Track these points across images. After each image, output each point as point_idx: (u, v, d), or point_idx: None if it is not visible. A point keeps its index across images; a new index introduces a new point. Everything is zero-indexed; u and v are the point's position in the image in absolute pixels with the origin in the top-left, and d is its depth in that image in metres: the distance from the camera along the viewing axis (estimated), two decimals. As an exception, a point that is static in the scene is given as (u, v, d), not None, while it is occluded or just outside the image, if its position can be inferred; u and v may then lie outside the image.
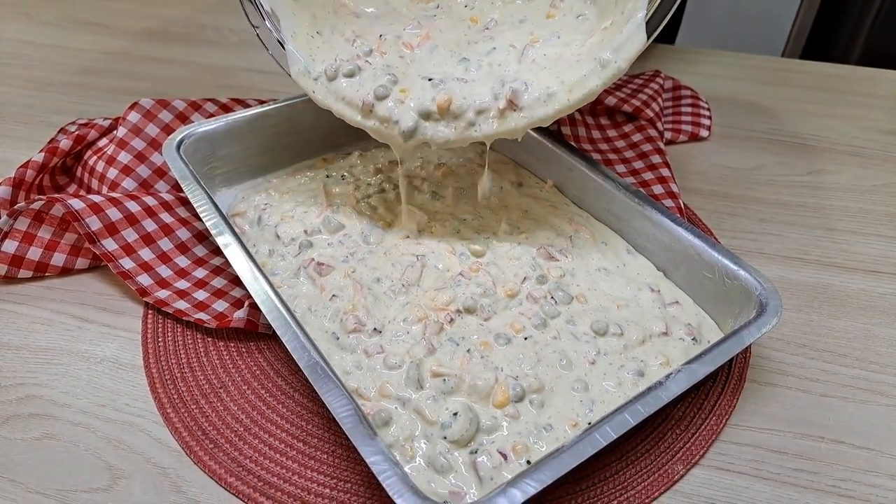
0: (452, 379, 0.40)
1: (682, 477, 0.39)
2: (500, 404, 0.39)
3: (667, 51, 0.86)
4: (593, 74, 0.42)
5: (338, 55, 0.47)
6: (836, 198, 0.62)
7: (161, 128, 0.58)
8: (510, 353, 0.42)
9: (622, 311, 0.46)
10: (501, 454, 0.37)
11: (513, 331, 0.44)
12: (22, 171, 0.53)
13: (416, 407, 0.39)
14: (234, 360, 0.45)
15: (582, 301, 0.46)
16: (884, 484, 0.39)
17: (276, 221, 0.51)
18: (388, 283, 0.47)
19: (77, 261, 0.51)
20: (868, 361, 0.47)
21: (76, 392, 0.43)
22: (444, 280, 0.47)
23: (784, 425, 0.42)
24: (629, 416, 0.34)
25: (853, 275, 0.53)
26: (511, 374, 0.40)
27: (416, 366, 0.40)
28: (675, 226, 0.47)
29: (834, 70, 0.82)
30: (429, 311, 0.44)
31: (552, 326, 0.44)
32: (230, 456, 0.39)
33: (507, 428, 0.38)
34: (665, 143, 0.65)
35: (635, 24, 0.41)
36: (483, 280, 0.47)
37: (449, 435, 0.37)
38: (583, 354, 0.42)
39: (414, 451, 0.37)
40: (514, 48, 0.46)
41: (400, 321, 0.44)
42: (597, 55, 0.42)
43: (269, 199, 0.54)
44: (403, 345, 0.42)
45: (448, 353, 0.42)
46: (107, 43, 0.84)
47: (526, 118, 0.43)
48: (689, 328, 0.45)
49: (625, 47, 0.41)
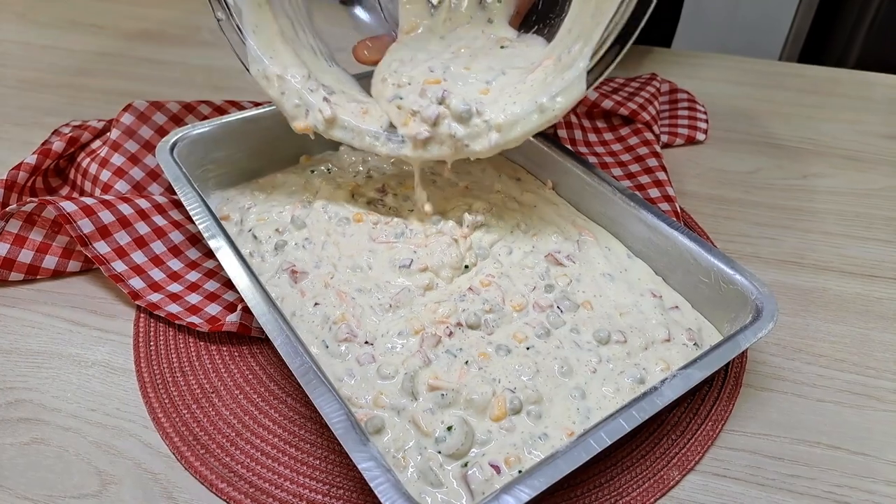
0: (450, 393, 0.39)
1: (677, 483, 0.39)
2: (498, 418, 0.38)
3: (664, 54, 0.86)
4: (529, 118, 0.43)
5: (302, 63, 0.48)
6: (832, 202, 0.62)
7: (155, 130, 0.57)
8: (509, 363, 0.41)
9: (625, 318, 0.45)
10: (493, 466, 0.36)
11: (515, 341, 0.43)
12: (14, 172, 0.53)
13: (411, 417, 0.38)
14: (227, 364, 0.45)
15: (588, 308, 0.46)
16: (880, 490, 0.39)
17: (253, 223, 0.51)
18: (378, 298, 0.45)
19: (69, 263, 0.50)
20: (864, 366, 0.46)
21: (66, 396, 0.43)
22: (450, 293, 0.46)
23: (780, 431, 0.42)
24: (624, 422, 0.34)
25: (849, 279, 0.53)
26: (509, 387, 0.39)
27: (411, 378, 0.39)
28: (671, 230, 0.47)
29: (830, 74, 0.82)
30: (426, 324, 0.43)
31: (555, 336, 0.43)
32: (221, 461, 0.39)
33: (500, 440, 0.37)
34: (661, 147, 0.65)
35: (577, 72, 0.41)
36: (492, 295, 0.45)
37: (444, 449, 0.36)
38: (584, 363, 0.42)
39: (406, 462, 0.36)
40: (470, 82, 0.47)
41: (393, 335, 0.43)
42: (536, 97, 0.43)
43: (253, 201, 0.54)
44: (398, 356, 0.41)
45: (445, 364, 0.41)
46: (101, 44, 0.83)
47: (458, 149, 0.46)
48: (690, 333, 0.44)
49: (563, 94, 0.42)
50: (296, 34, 0.50)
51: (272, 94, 0.47)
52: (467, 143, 0.45)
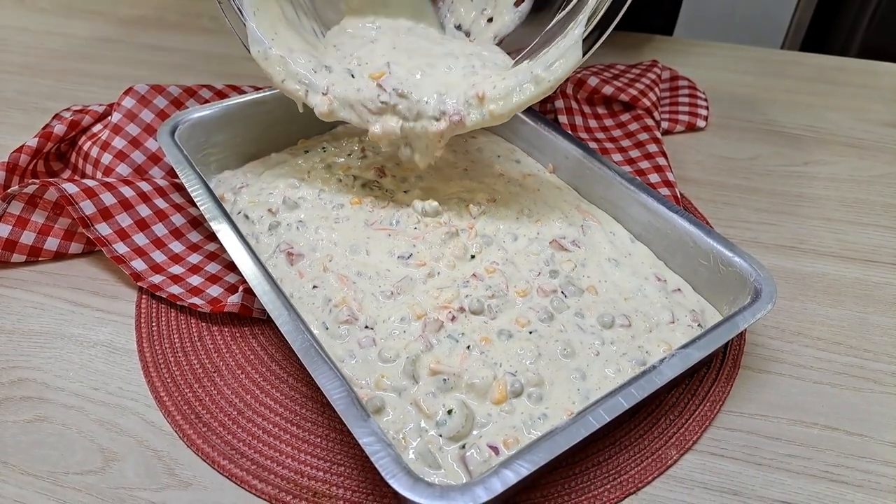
0: (451, 378, 0.39)
1: (675, 462, 0.39)
2: (498, 401, 0.38)
3: (665, 42, 0.86)
4: (523, 89, 0.43)
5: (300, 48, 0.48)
6: (832, 188, 0.62)
7: (156, 113, 0.57)
8: (511, 347, 0.41)
9: (630, 303, 0.45)
10: (492, 447, 0.36)
11: (518, 325, 0.43)
12: (16, 155, 0.53)
13: (413, 399, 0.38)
14: (228, 344, 0.45)
15: (593, 292, 0.45)
16: (876, 470, 0.39)
17: (244, 204, 0.51)
18: (378, 285, 0.45)
19: (71, 245, 0.51)
20: (862, 349, 0.47)
21: (69, 375, 0.43)
22: (453, 279, 0.46)
23: (777, 412, 0.42)
24: (623, 399, 0.34)
25: (849, 264, 0.54)
26: (510, 371, 0.40)
27: (413, 362, 0.40)
28: (671, 213, 0.47)
29: (831, 62, 0.82)
30: (429, 310, 0.43)
31: (558, 320, 0.43)
32: (223, 439, 0.39)
33: (500, 422, 0.38)
34: (662, 133, 0.65)
35: (572, 39, 0.41)
36: (497, 281, 0.45)
37: (444, 432, 0.37)
38: (588, 346, 0.42)
39: (407, 443, 0.36)
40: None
41: (395, 321, 0.43)
42: (532, 68, 0.43)
43: (245, 181, 0.54)
44: (400, 340, 0.41)
45: (447, 349, 0.41)
46: (102, 30, 0.83)
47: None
48: (694, 314, 0.44)
49: (560, 62, 0.42)
50: (297, 17, 0.50)
51: (273, 75, 0.47)
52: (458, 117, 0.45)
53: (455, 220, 0.50)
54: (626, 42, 0.83)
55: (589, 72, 0.68)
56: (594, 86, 0.66)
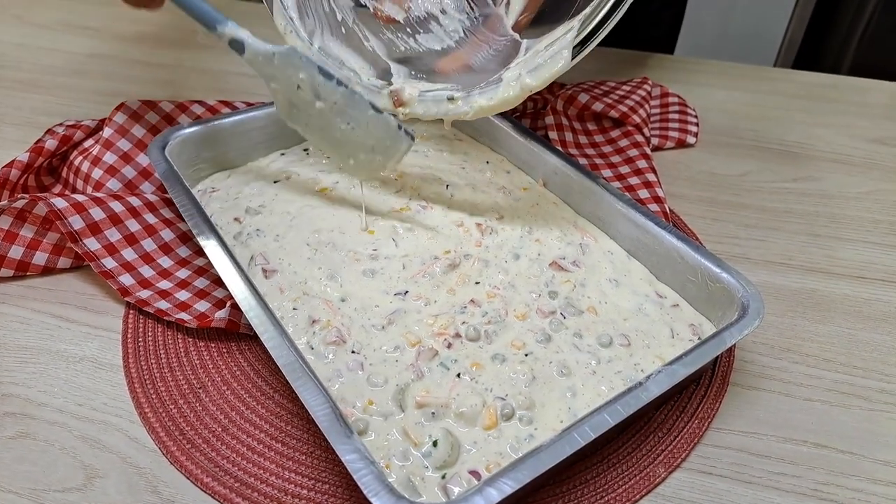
0: (440, 410, 0.38)
1: (663, 480, 0.39)
2: (489, 427, 0.38)
3: (656, 59, 0.86)
4: (511, 87, 0.44)
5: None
6: (821, 204, 0.62)
7: (147, 129, 0.58)
8: (503, 371, 0.40)
9: (629, 322, 0.44)
10: (472, 473, 0.35)
11: (513, 349, 0.42)
12: (6, 170, 0.53)
13: (399, 425, 0.37)
14: (215, 360, 0.45)
15: (592, 313, 0.45)
16: (866, 488, 0.39)
17: (212, 211, 0.52)
18: (368, 318, 0.43)
19: (59, 260, 0.50)
20: (852, 366, 0.47)
21: (54, 391, 0.43)
22: (451, 304, 0.45)
23: (767, 429, 0.42)
24: (608, 416, 0.34)
25: (838, 280, 0.54)
26: (500, 395, 0.39)
27: (402, 391, 0.39)
28: (659, 229, 0.47)
29: (821, 79, 0.83)
30: (423, 337, 0.42)
31: (555, 341, 0.43)
32: (207, 456, 0.39)
33: (484, 447, 0.37)
34: (652, 150, 0.66)
35: (565, 42, 0.41)
36: (496, 307, 0.45)
37: (430, 463, 0.36)
38: (584, 365, 0.41)
39: (390, 467, 0.35)
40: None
41: (388, 350, 0.41)
42: (521, 70, 0.43)
43: (214, 185, 0.55)
44: (391, 367, 0.40)
45: (437, 377, 0.40)
46: (98, 46, 0.84)
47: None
48: (694, 328, 0.44)
49: (547, 65, 0.42)
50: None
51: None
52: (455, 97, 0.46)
53: (462, 243, 0.49)
54: (617, 59, 0.84)
55: (579, 88, 0.69)
56: (584, 102, 0.67)
